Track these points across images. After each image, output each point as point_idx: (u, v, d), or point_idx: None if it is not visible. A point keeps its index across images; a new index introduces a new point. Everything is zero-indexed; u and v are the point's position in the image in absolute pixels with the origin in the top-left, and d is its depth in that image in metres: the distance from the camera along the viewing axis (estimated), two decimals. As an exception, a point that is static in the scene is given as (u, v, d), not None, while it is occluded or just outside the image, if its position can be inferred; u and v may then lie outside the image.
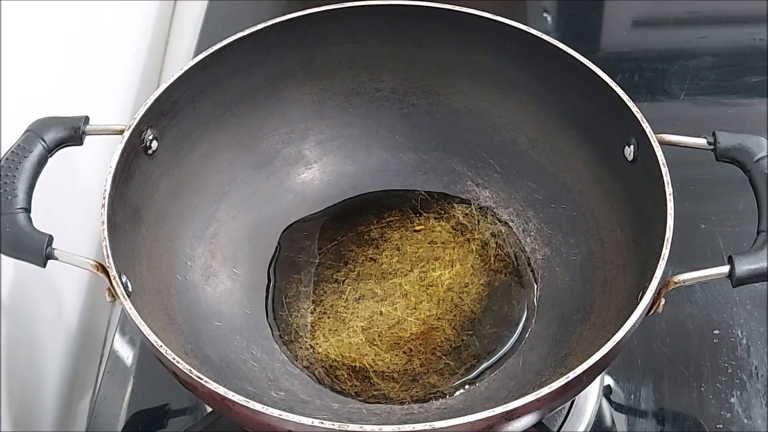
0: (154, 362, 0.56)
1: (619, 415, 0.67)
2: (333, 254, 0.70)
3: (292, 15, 0.68)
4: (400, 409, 0.62)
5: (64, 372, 0.74)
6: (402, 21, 0.70)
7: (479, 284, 0.68)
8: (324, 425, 0.49)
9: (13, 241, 0.57)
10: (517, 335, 0.66)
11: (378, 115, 0.74)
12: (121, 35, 0.90)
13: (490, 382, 0.63)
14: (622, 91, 0.63)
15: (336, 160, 0.74)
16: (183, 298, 0.64)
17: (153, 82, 0.95)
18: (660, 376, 0.68)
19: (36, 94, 0.69)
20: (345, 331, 0.66)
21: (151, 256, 0.63)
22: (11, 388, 0.65)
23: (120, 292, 0.54)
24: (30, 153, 0.59)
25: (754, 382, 0.67)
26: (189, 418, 0.68)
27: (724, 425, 0.65)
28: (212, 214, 0.69)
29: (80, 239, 0.76)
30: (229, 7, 0.96)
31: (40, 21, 0.70)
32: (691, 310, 0.71)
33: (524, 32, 0.67)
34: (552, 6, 0.98)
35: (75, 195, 0.76)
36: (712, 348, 0.69)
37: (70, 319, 0.76)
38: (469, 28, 0.68)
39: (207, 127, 0.68)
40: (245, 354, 0.64)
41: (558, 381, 0.50)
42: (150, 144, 0.63)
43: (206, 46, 0.67)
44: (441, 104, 0.73)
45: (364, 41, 0.71)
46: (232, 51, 0.67)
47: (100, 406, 0.68)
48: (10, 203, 0.57)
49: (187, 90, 0.66)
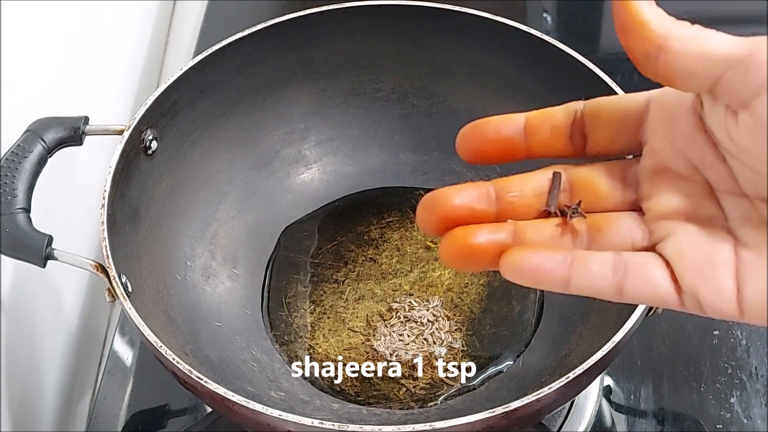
0: (154, 362, 0.56)
1: (618, 415, 0.67)
2: (333, 254, 0.70)
3: (292, 15, 0.68)
4: (399, 410, 0.62)
5: (64, 372, 0.74)
6: (402, 21, 0.70)
7: (479, 284, 0.68)
8: (324, 425, 0.49)
9: (12, 241, 0.57)
10: (517, 335, 0.66)
11: (378, 116, 0.74)
12: (121, 35, 0.90)
13: (490, 383, 0.63)
14: (622, 91, 0.63)
15: (336, 160, 0.74)
16: (183, 299, 0.64)
17: (153, 82, 0.95)
18: (660, 377, 0.68)
19: (36, 94, 0.69)
20: (345, 331, 0.66)
21: (151, 256, 0.63)
22: (11, 388, 0.65)
23: (120, 292, 0.54)
24: (30, 153, 0.59)
25: (753, 383, 0.67)
26: (189, 418, 0.68)
27: (723, 425, 0.65)
28: (212, 214, 0.69)
29: (80, 239, 0.76)
30: (229, 7, 0.96)
31: (40, 21, 0.70)
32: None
33: (524, 32, 0.66)
34: (552, 6, 0.98)
35: (75, 195, 0.76)
36: (711, 348, 0.69)
37: (70, 319, 0.76)
38: (469, 28, 0.68)
39: (207, 128, 0.68)
40: (245, 354, 0.64)
41: (558, 381, 0.50)
42: (150, 144, 0.63)
43: (206, 46, 0.67)
44: (441, 105, 0.73)
45: (364, 41, 0.71)
46: (232, 51, 0.67)
47: (100, 406, 0.68)
48: (10, 203, 0.57)
49: (186, 90, 0.66)
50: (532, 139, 0.37)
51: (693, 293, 0.33)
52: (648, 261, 0.34)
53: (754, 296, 0.32)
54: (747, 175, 0.32)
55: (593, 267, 0.34)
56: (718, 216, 0.34)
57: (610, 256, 0.34)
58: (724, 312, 0.33)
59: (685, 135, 0.34)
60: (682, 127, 0.34)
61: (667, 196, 0.35)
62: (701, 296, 0.33)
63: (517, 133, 0.37)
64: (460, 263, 0.36)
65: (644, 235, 0.35)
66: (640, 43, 0.32)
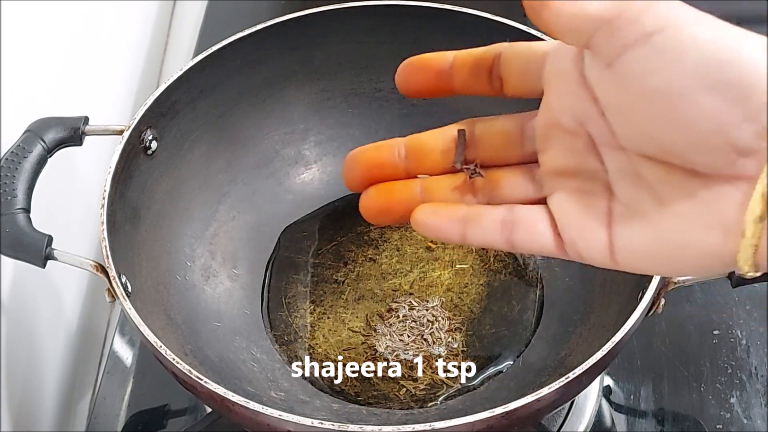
0: (153, 362, 0.56)
1: (618, 415, 0.67)
2: (333, 254, 0.70)
3: (292, 15, 0.68)
4: (399, 410, 0.62)
5: (64, 372, 0.74)
6: (402, 21, 0.70)
7: (479, 284, 0.68)
8: (324, 425, 0.49)
9: (12, 241, 0.57)
10: (517, 335, 0.66)
11: (378, 116, 0.74)
12: (121, 35, 0.90)
13: (489, 383, 0.63)
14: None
15: (336, 161, 0.74)
16: (182, 299, 0.64)
17: (153, 82, 0.95)
18: (660, 376, 0.68)
19: (36, 94, 0.69)
20: (345, 331, 0.66)
21: (150, 256, 0.63)
22: (11, 388, 0.65)
23: (120, 293, 0.54)
24: (30, 153, 0.59)
25: (753, 383, 0.67)
26: (189, 419, 0.68)
27: (723, 425, 0.65)
28: (212, 214, 0.69)
29: (80, 239, 0.76)
30: (229, 7, 0.96)
31: (40, 21, 0.70)
32: (690, 311, 0.71)
33: (524, 32, 0.66)
34: (552, 6, 0.98)
35: (75, 195, 0.76)
36: (711, 348, 0.69)
37: (70, 319, 0.76)
38: (469, 28, 0.68)
39: (206, 128, 0.68)
40: (245, 354, 0.64)
41: (558, 381, 0.50)
42: (149, 144, 0.63)
43: (206, 46, 0.67)
44: (440, 104, 0.72)
45: (364, 41, 0.71)
46: (232, 51, 0.67)
47: (99, 406, 0.68)
48: (10, 203, 0.57)
49: (186, 90, 0.66)
50: (455, 77, 0.40)
51: (573, 245, 0.36)
52: (535, 215, 0.37)
53: (624, 249, 0.35)
54: (622, 130, 0.34)
55: (485, 223, 0.37)
56: (600, 170, 0.36)
57: (501, 212, 0.38)
58: (600, 262, 0.36)
59: (571, 89, 0.36)
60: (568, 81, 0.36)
61: (556, 151, 0.37)
62: (579, 248, 0.36)
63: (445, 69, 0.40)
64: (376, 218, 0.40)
65: (536, 188, 0.38)
66: None
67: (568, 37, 0.34)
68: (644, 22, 0.32)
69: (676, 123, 0.31)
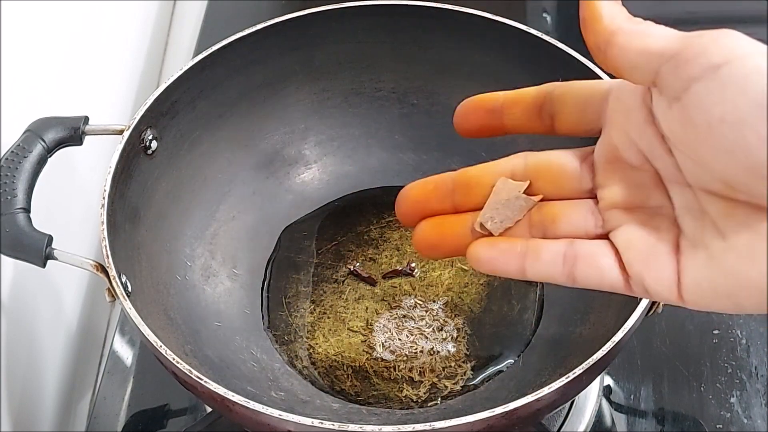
0: (153, 362, 0.56)
1: (618, 415, 0.67)
2: (333, 254, 0.70)
3: (292, 15, 0.68)
4: (399, 410, 0.62)
5: (64, 372, 0.74)
6: (402, 21, 0.70)
7: (479, 284, 0.68)
8: (324, 425, 0.49)
9: (12, 241, 0.57)
10: (517, 335, 0.66)
11: (378, 115, 0.74)
12: (121, 35, 0.90)
13: (490, 383, 0.63)
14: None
15: (336, 160, 0.74)
16: (182, 298, 0.64)
17: (153, 82, 0.95)
18: (660, 376, 0.68)
19: (36, 94, 0.69)
20: (344, 331, 0.66)
21: (150, 256, 0.63)
22: (11, 388, 0.65)
23: (120, 292, 0.54)
24: (30, 153, 0.59)
25: (753, 382, 0.67)
26: (189, 418, 0.68)
27: (723, 425, 0.65)
28: (212, 214, 0.69)
29: (80, 239, 0.76)
30: (229, 7, 0.96)
31: (40, 21, 0.70)
32: (690, 311, 0.71)
33: (524, 32, 0.66)
34: (552, 6, 0.98)
35: (75, 195, 0.76)
36: (711, 348, 0.69)
37: (70, 319, 0.76)
38: (469, 28, 0.68)
39: (207, 127, 0.68)
40: (245, 354, 0.64)
41: (558, 381, 0.50)
42: (150, 144, 0.63)
43: (206, 46, 0.67)
44: (441, 104, 0.73)
45: (364, 41, 0.71)
46: (232, 51, 0.67)
47: (100, 406, 0.68)
48: (10, 203, 0.57)
49: (186, 90, 0.66)
50: (506, 116, 0.40)
51: (639, 281, 0.36)
52: (598, 250, 0.37)
53: (690, 285, 0.34)
54: (688, 166, 0.34)
55: (545, 257, 0.37)
56: (666, 206, 0.36)
57: (562, 246, 0.37)
58: (667, 298, 0.35)
59: (637, 126, 0.36)
60: (634, 118, 0.36)
61: (619, 186, 0.37)
62: (646, 284, 0.35)
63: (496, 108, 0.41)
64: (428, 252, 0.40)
65: (597, 223, 0.38)
66: (593, 35, 0.35)
67: (634, 74, 0.34)
68: (711, 54, 0.32)
69: (742, 154, 0.31)
